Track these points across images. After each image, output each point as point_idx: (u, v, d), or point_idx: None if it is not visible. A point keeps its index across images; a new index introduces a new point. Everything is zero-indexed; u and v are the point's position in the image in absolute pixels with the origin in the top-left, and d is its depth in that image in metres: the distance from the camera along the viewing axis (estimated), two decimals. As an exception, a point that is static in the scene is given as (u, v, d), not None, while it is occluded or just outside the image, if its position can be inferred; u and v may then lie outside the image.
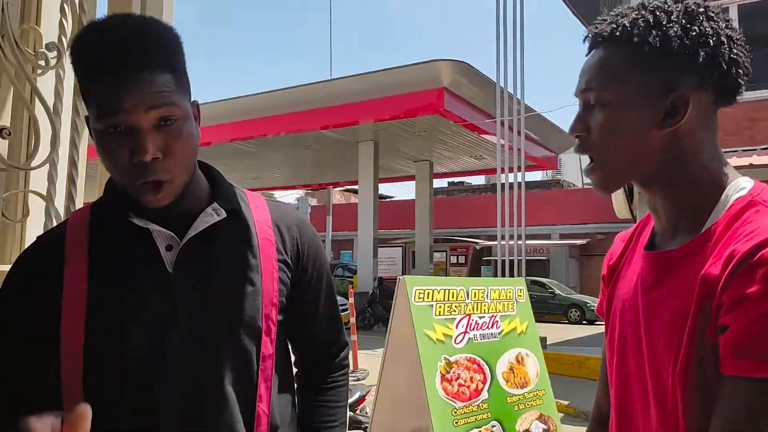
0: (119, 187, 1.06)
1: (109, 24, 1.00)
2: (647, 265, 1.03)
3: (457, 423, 3.21)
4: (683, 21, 0.95)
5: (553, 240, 24.87)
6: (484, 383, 3.46)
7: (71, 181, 1.37)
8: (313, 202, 29.09)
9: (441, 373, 3.23)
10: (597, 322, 19.87)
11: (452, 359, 3.32)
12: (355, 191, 18.27)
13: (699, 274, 0.90)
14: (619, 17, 1.01)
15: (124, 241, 1.06)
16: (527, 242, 11.54)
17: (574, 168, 30.93)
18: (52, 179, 1.38)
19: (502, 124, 11.24)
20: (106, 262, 1.05)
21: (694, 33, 0.94)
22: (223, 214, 1.11)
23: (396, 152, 17.94)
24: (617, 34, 0.99)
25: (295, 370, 1.33)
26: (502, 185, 11.02)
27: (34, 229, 1.52)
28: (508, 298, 3.80)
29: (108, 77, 0.95)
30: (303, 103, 14.93)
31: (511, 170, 11.23)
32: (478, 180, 31.26)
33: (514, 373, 3.67)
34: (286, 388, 1.23)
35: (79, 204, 1.39)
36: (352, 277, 19.62)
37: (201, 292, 1.07)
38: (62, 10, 1.41)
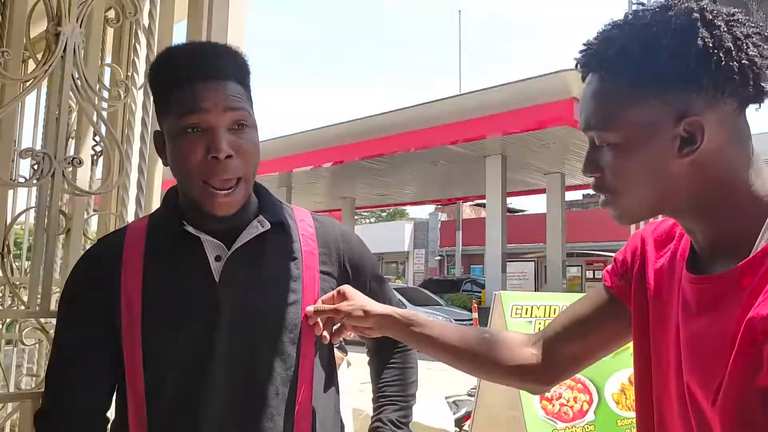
0: (186, 194, 1.16)
1: (188, 44, 1.20)
2: (691, 286, 0.92)
3: (557, 444, 3.08)
4: (676, 39, 0.83)
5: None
6: (590, 404, 3.31)
7: (138, 204, 1.51)
8: (443, 217, 29.15)
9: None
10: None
11: (553, 378, 3.20)
12: (482, 205, 18.10)
13: (746, 309, 0.80)
14: (605, 43, 0.90)
15: (176, 250, 1.16)
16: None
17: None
18: (123, 202, 1.53)
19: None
20: (159, 268, 1.15)
21: (692, 49, 0.82)
22: (268, 226, 1.18)
23: (525, 165, 17.57)
24: (607, 62, 0.89)
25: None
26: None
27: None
28: (619, 315, 3.61)
29: (192, 82, 1.08)
30: (430, 119, 15.09)
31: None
32: (617, 191, 29.81)
33: (626, 394, 3.47)
34: (329, 392, 1.27)
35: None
36: (480, 292, 19.41)
37: (244, 302, 1.14)
38: (134, 49, 1.57)
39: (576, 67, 0.96)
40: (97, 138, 1.55)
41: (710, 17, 0.84)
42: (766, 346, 0.74)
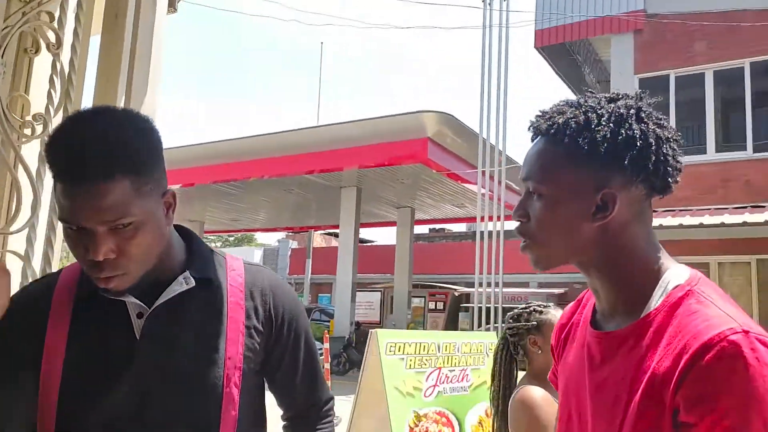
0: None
1: (75, 128, 1.05)
2: (593, 342, 1.08)
3: (424, 477, 3.23)
4: (611, 125, 1.00)
5: (531, 288, 24.97)
6: (453, 437, 3.50)
7: (49, 244, 1.44)
8: (294, 244, 29.03)
9: (410, 426, 3.28)
10: (575, 373, 19.81)
11: (421, 412, 3.36)
12: (336, 235, 18.32)
13: (641, 360, 0.95)
14: (556, 114, 1.06)
15: (101, 307, 1.12)
16: (505, 290, 11.62)
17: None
18: (30, 241, 1.44)
19: (484, 173, 11.45)
20: (83, 324, 1.12)
21: (621, 137, 0.99)
22: (192, 284, 1.16)
23: (378, 198, 18.08)
24: (552, 131, 1.05)
25: (282, 423, 1.39)
26: (482, 233, 11.16)
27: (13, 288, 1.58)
28: (479, 351, 3.87)
29: (65, 185, 1.01)
30: (288, 148, 15.09)
31: (491, 219, 11.40)
32: (459, 227, 31.47)
33: (483, 427, 3.72)
34: None
35: (54, 265, 1.46)
36: (328, 321, 19.50)
37: (165, 360, 1.12)
38: (51, 81, 1.50)
39: (528, 129, 1.12)
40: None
41: (643, 115, 1.02)
42: (667, 395, 0.89)
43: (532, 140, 1.12)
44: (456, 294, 24.67)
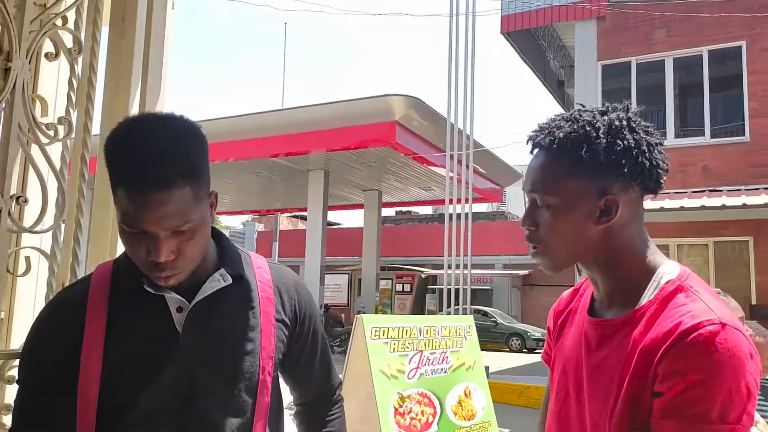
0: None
1: (137, 136, 1.10)
2: (591, 328, 1.21)
3: (408, 455, 3.38)
4: (609, 137, 1.11)
5: (497, 270, 25.44)
6: (434, 416, 3.66)
7: (76, 241, 1.50)
8: (260, 227, 28.90)
9: (394, 407, 3.41)
10: (537, 351, 20.35)
11: (405, 394, 3.50)
12: (303, 217, 18.33)
13: (635, 344, 1.08)
14: (555, 129, 1.17)
15: (139, 303, 1.18)
16: (472, 272, 11.85)
17: (518, 201, 31.81)
18: (56, 239, 1.50)
19: (452, 157, 11.59)
20: (122, 321, 1.17)
21: (618, 147, 1.10)
22: (229, 280, 1.24)
23: (346, 181, 18.14)
24: (554, 146, 1.15)
25: (293, 410, 1.49)
26: (450, 216, 11.33)
27: (37, 283, 1.64)
28: (457, 334, 4.02)
29: (131, 192, 1.06)
30: (254, 130, 15.00)
31: (458, 202, 11.58)
32: (426, 210, 31.75)
33: (462, 406, 3.88)
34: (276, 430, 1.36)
35: (82, 262, 1.52)
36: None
37: (206, 352, 1.20)
38: (70, 83, 1.55)
39: (527, 142, 1.23)
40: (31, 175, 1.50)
41: (634, 125, 1.15)
42: (650, 371, 1.03)
43: (532, 152, 1.23)
44: (423, 276, 24.98)
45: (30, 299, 1.71)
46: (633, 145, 1.12)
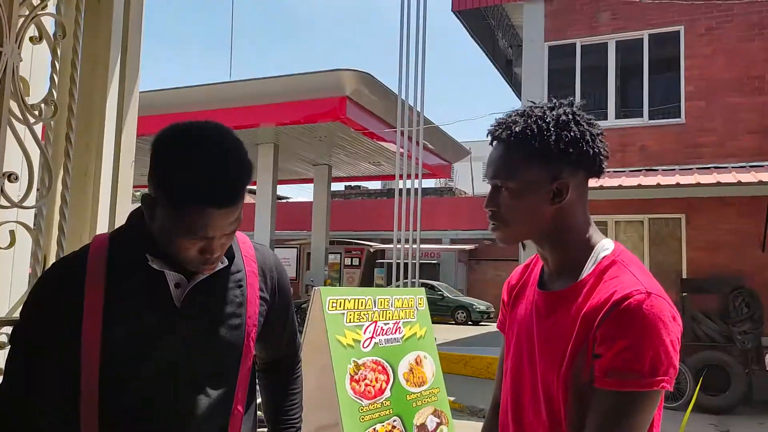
0: (163, 246, 1.26)
1: (208, 154, 1.17)
2: (540, 299, 1.39)
3: (363, 419, 3.58)
4: (557, 129, 1.29)
5: (444, 244, 25.91)
6: (387, 383, 3.86)
7: (62, 215, 1.59)
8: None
9: (350, 374, 3.59)
10: (481, 323, 20.97)
11: (360, 362, 3.68)
12: (252, 191, 18.19)
13: (577, 311, 1.26)
14: (512, 124, 1.33)
15: (139, 276, 1.28)
16: (420, 246, 12.11)
17: (466, 177, 32.33)
18: (42, 214, 1.59)
19: (402, 133, 11.74)
20: (121, 293, 1.26)
21: (566, 138, 1.29)
22: (226, 263, 1.36)
23: (295, 155, 18.08)
24: (512, 138, 1.33)
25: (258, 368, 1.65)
26: (400, 191, 11.52)
27: (14, 256, 1.72)
28: (409, 306, 4.22)
29: (205, 208, 1.16)
30: (202, 102, 14.75)
31: (408, 177, 11.77)
32: (375, 185, 31.92)
33: (413, 373, 4.10)
34: (252, 391, 1.51)
35: (70, 237, 1.62)
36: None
37: (201, 325, 1.33)
38: (53, 66, 1.62)
39: (487, 136, 1.41)
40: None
41: (578, 118, 1.33)
42: (590, 335, 1.22)
43: (491, 144, 1.40)
44: (371, 250, 25.21)
45: (8, 271, 1.79)
46: (578, 136, 1.30)
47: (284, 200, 30.60)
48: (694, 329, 9.07)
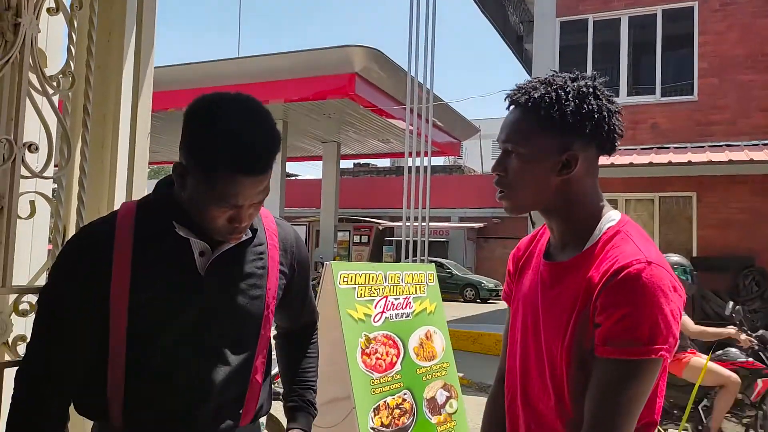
0: (176, 194, 1.31)
1: (241, 122, 1.21)
2: (546, 270, 1.40)
3: (374, 392, 3.62)
4: (576, 101, 1.28)
5: (453, 223, 25.91)
6: (398, 357, 3.90)
7: (81, 186, 1.61)
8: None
9: (361, 348, 3.63)
10: (489, 301, 21.03)
11: (371, 336, 3.71)
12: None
13: (580, 281, 1.27)
14: (531, 90, 1.33)
15: (165, 243, 1.31)
16: (429, 224, 12.13)
17: (475, 155, 32.21)
18: (61, 184, 1.61)
19: (411, 110, 11.69)
20: (148, 258, 1.30)
21: (583, 110, 1.27)
22: (249, 235, 1.39)
23: (304, 132, 18.08)
24: (530, 104, 1.32)
25: (276, 335, 1.71)
26: (409, 168, 11.50)
27: (33, 226, 1.74)
28: (420, 281, 4.24)
29: (236, 176, 1.19)
30: (211, 79, 14.72)
31: (417, 155, 11.74)
32: (384, 163, 31.87)
33: (423, 348, 4.13)
34: (269, 361, 1.54)
35: (88, 206, 1.64)
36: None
37: (224, 292, 1.36)
38: (70, 37, 1.63)
39: (505, 99, 1.39)
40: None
41: (599, 93, 1.32)
42: (591, 304, 1.23)
43: (508, 109, 1.39)
44: (380, 228, 25.25)
45: (27, 242, 1.81)
46: (596, 110, 1.29)
47: (293, 177, 30.63)
48: (704, 307, 9.08)
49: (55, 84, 1.58)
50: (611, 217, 1.35)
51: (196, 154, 1.22)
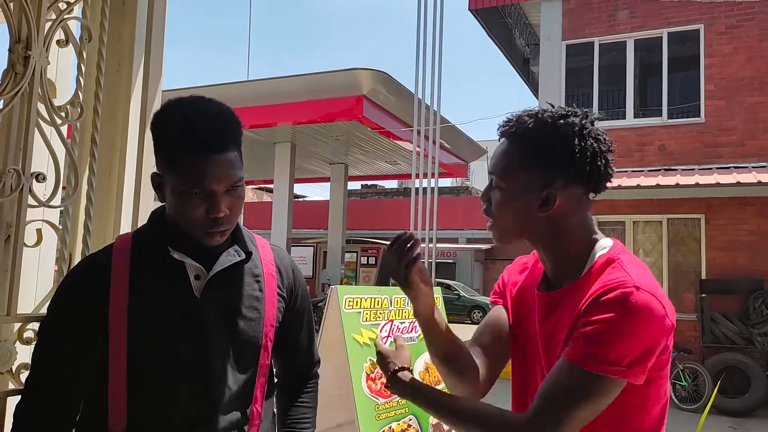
0: (168, 221, 1.35)
1: (194, 107, 1.30)
2: (540, 302, 1.39)
3: (379, 417, 3.60)
4: (557, 140, 1.28)
5: (460, 244, 25.86)
6: (403, 382, 3.87)
7: (87, 215, 1.62)
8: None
9: (366, 373, 3.61)
10: (498, 323, 20.84)
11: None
12: (269, 190, 18.30)
13: (572, 311, 1.27)
14: (518, 123, 1.34)
15: (160, 269, 1.34)
16: (437, 245, 12.12)
17: (482, 176, 32.21)
18: (68, 213, 1.63)
19: (419, 132, 11.75)
20: (144, 285, 1.32)
21: (564, 150, 1.27)
22: (243, 256, 1.41)
23: (312, 154, 18.15)
24: (515, 137, 1.34)
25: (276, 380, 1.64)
26: (416, 190, 11.53)
27: (40, 254, 1.76)
28: (425, 305, 4.24)
29: (205, 153, 1.25)
30: (222, 100, 14.84)
31: (425, 176, 11.77)
32: (391, 184, 31.94)
33: (429, 372, 4.10)
34: (271, 393, 1.54)
35: (94, 235, 1.65)
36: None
37: (221, 317, 1.37)
38: (79, 69, 1.66)
39: (497, 131, 1.40)
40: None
41: (585, 132, 1.31)
42: (576, 325, 1.23)
43: (499, 140, 1.41)
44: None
45: (34, 269, 1.83)
46: (577, 152, 1.28)
47: (301, 199, 30.72)
48: (713, 330, 8.99)
49: (63, 114, 1.60)
50: (603, 245, 1.35)
51: (159, 150, 1.31)
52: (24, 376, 1.55)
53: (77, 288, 1.33)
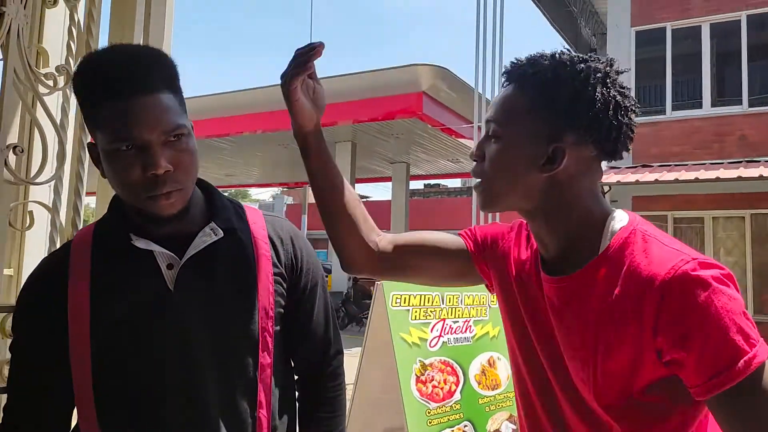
0: (126, 204, 1.13)
1: (107, 54, 1.11)
2: (550, 288, 1.11)
3: (431, 423, 3.34)
4: (577, 84, 1.03)
5: (526, 243, 25.22)
6: (457, 385, 3.60)
7: (77, 194, 1.45)
8: (289, 200, 29.03)
9: (416, 375, 3.36)
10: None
11: (427, 362, 3.45)
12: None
13: (599, 300, 1.00)
14: (528, 65, 1.08)
15: (126, 261, 1.12)
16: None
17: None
18: (57, 192, 1.46)
19: (479, 129, 11.42)
20: (107, 281, 1.11)
21: (582, 97, 1.03)
22: (220, 234, 1.16)
23: (373, 153, 18.04)
24: (523, 80, 1.08)
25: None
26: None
27: (39, 237, 1.60)
28: (481, 303, 3.94)
29: (124, 98, 1.03)
30: (282, 102, 14.92)
31: (486, 174, 11.42)
32: (454, 183, 31.54)
33: (486, 375, 3.81)
34: (288, 394, 1.29)
35: (83, 215, 1.48)
36: (326, 276, 19.70)
37: (200, 311, 1.13)
38: (69, 32, 1.49)
39: (502, 74, 1.15)
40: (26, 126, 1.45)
41: (609, 81, 1.05)
42: (645, 332, 0.94)
43: (503, 85, 1.14)
44: (450, 249, 24.87)
45: (39, 254, 1.68)
46: (598, 99, 1.03)
47: (364, 199, 30.77)
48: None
49: (51, 83, 1.44)
50: (618, 217, 1.08)
51: (84, 113, 1.11)
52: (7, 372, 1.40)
53: (33, 300, 1.14)
